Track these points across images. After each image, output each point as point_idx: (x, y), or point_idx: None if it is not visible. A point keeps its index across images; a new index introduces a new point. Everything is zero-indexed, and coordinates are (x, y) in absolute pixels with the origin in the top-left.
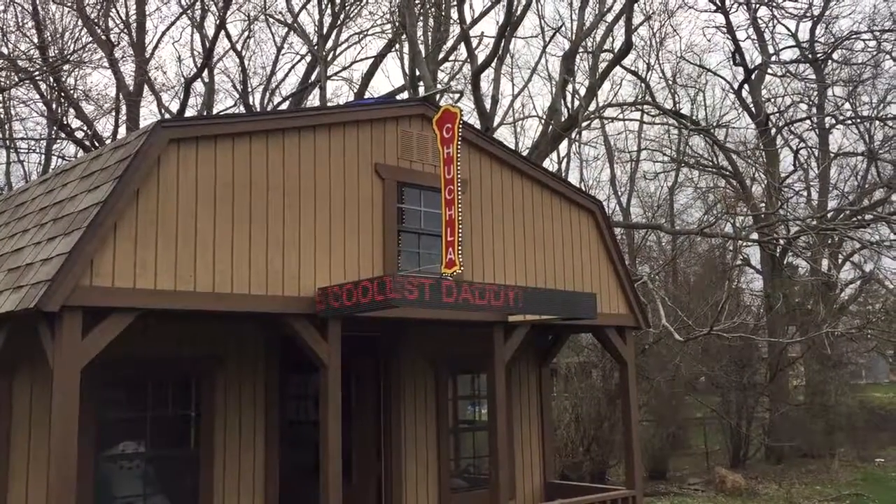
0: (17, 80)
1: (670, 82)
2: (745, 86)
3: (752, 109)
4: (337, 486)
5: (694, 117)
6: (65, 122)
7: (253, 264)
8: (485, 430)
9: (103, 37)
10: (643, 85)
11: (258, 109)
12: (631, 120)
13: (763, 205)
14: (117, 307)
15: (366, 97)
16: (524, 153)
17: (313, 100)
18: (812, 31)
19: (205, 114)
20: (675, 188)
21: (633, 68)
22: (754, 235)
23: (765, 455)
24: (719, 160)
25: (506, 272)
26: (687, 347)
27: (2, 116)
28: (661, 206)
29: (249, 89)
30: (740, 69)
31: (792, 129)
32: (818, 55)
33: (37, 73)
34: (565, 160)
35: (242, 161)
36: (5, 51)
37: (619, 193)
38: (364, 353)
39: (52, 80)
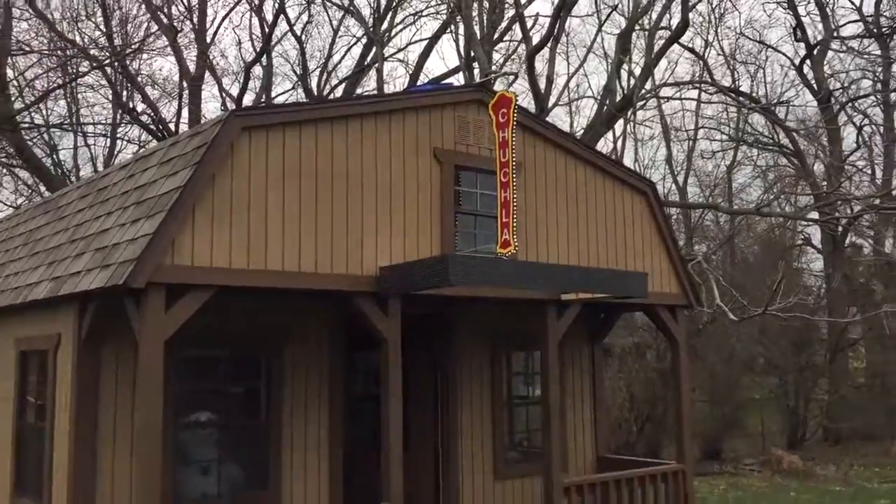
0: (89, 67)
1: (729, 59)
2: (807, 62)
3: (814, 86)
4: (397, 456)
5: (754, 94)
6: (131, 107)
7: (319, 244)
8: (538, 405)
9: (167, 23)
10: (701, 63)
11: (316, 92)
12: (688, 99)
13: (824, 183)
14: (196, 284)
15: (420, 82)
16: (579, 134)
17: (369, 82)
18: (877, 4)
19: (268, 101)
20: (733, 167)
21: (690, 45)
22: (814, 215)
23: (823, 436)
24: (780, 138)
25: (559, 252)
26: (744, 328)
27: (69, 101)
28: (719, 186)
29: (308, 72)
30: (802, 45)
31: (855, 105)
32: (883, 29)
33: (106, 61)
34: (621, 140)
35: (308, 147)
36: (77, 39)
37: (676, 173)
38: (422, 330)
39: (118, 66)
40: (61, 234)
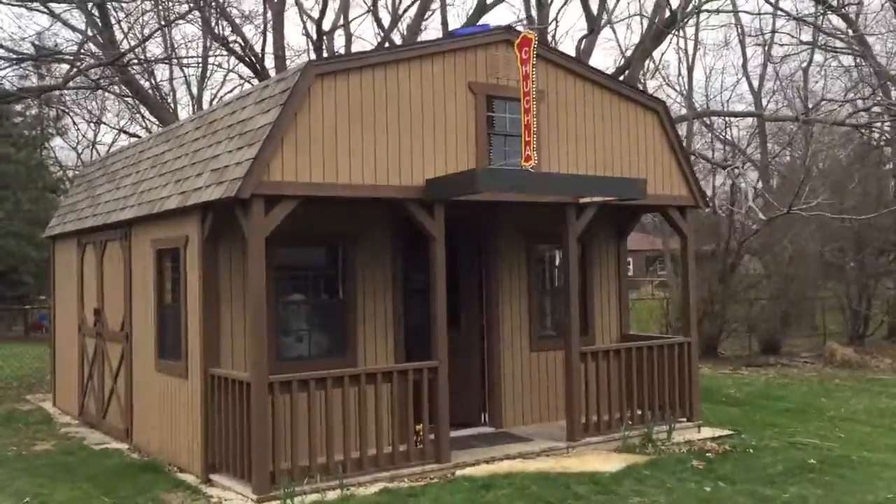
0: (187, 8)
1: None
2: None
3: None
4: (443, 327)
5: None
6: (223, 37)
7: (378, 162)
8: None
9: None
10: None
11: (390, 10)
12: (728, 11)
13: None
14: (286, 195)
15: (463, 28)
16: (629, 52)
17: (436, 3)
18: None
19: (346, 24)
20: (808, 70)
21: None
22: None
23: (887, 333)
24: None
25: (577, 164)
26: (809, 228)
27: (166, 37)
28: (786, 90)
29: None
30: None
31: None
32: None
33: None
34: (691, 51)
35: (369, 86)
36: None
37: (750, 78)
38: (467, 232)
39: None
40: (183, 157)
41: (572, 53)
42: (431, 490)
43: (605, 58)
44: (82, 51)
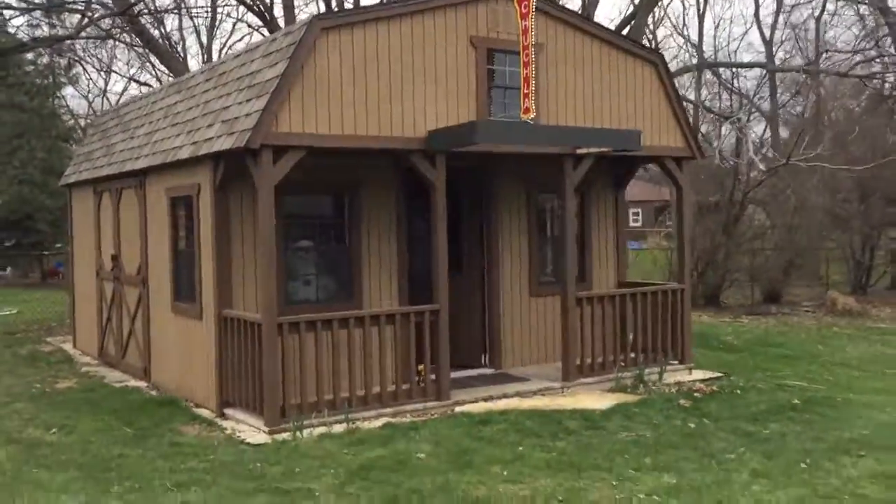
0: None
1: None
2: None
3: None
4: (444, 273)
5: None
6: None
7: (381, 114)
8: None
9: None
10: None
11: None
12: None
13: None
14: (293, 145)
15: None
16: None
17: None
18: None
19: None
20: (820, 18)
21: None
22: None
23: (890, 283)
24: None
25: (576, 116)
26: (809, 179)
27: None
28: (797, 38)
29: None
30: None
31: None
32: None
33: None
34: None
35: (372, 40)
36: None
37: (761, 27)
38: (470, 182)
39: None
40: (194, 109)
41: (578, 3)
42: (431, 424)
43: (611, 8)
44: (93, 0)
